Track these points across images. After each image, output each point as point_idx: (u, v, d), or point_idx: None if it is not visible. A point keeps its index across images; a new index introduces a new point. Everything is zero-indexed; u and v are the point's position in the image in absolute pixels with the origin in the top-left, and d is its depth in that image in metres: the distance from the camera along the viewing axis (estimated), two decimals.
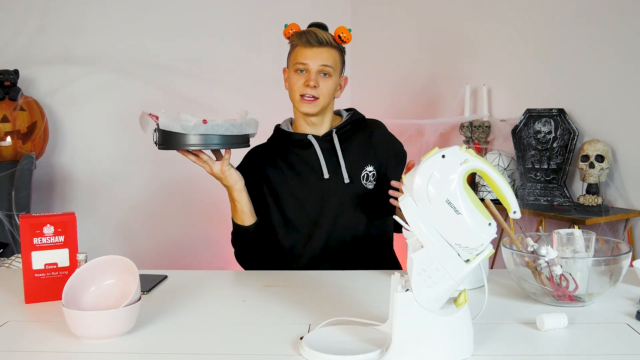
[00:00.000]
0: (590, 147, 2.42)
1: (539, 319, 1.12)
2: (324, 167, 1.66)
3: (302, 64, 1.63)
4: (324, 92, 1.63)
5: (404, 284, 1.01)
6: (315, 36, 1.62)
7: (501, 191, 0.98)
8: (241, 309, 1.30)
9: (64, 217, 1.34)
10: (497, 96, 2.93)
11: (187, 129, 1.45)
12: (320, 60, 1.62)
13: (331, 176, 1.66)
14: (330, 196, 1.66)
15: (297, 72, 1.64)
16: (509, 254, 1.29)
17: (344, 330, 1.10)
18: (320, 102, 1.64)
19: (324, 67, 1.62)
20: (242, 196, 1.62)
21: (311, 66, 1.62)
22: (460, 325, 1.00)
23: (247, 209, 1.63)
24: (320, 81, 1.63)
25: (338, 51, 1.66)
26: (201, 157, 1.54)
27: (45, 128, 3.15)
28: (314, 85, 1.61)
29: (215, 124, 1.46)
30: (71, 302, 1.13)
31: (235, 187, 1.59)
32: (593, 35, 2.50)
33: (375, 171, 1.69)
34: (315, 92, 1.62)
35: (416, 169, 0.97)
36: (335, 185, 1.66)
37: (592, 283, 1.25)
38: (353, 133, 1.72)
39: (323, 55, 1.62)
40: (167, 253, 3.43)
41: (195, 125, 1.45)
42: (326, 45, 1.63)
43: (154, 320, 1.21)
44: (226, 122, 1.47)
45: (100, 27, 3.33)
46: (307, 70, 1.63)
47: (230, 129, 1.47)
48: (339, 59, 1.67)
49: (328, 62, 1.63)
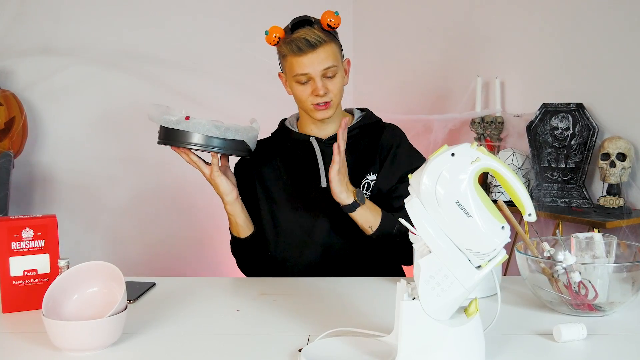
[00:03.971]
0: (611, 145, 2.42)
1: (556, 329, 1.12)
2: (322, 175, 1.66)
3: (303, 75, 1.57)
4: (335, 92, 1.61)
5: (411, 292, 1.01)
6: (306, 41, 1.55)
7: (515, 192, 0.98)
8: (235, 319, 1.30)
9: (44, 220, 1.34)
10: (510, 90, 2.93)
11: (169, 123, 1.49)
12: (320, 65, 1.57)
13: (329, 185, 1.65)
14: (327, 206, 1.64)
15: (300, 83, 1.59)
16: (523, 260, 1.29)
17: (345, 342, 1.10)
18: (334, 103, 1.62)
19: (327, 70, 1.58)
20: (235, 209, 1.62)
21: (313, 73, 1.57)
22: (471, 336, 1.00)
23: (241, 221, 1.64)
24: (328, 84, 1.59)
25: (333, 42, 1.60)
26: (190, 157, 1.55)
27: (24, 124, 3.15)
28: (323, 93, 1.58)
29: (197, 122, 1.48)
30: (52, 311, 1.13)
31: (226, 198, 1.60)
32: (615, 24, 2.50)
33: (377, 179, 1.67)
34: (327, 97, 1.60)
35: (424, 168, 0.97)
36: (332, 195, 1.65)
37: (613, 291, 1.25)
38: (361, 138, 1.70)
39: (321, 56, 1.57)
40: (155, 259, 3.43)
41: (177, 120, 1.48)
42: (320, 45, 1.56)
43: (141, 331, 1.21)
44: (209, 122, 1.49)
45: (83, 14, 3.33)
46: (310, 78, 1.58)
47: (212, 130, 1.49)
48: (337, 50, 1.62)
49: (328, 62, 1.57)
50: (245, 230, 1.65)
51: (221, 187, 1.58)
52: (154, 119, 1.51)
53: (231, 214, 1.63)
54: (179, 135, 1.49)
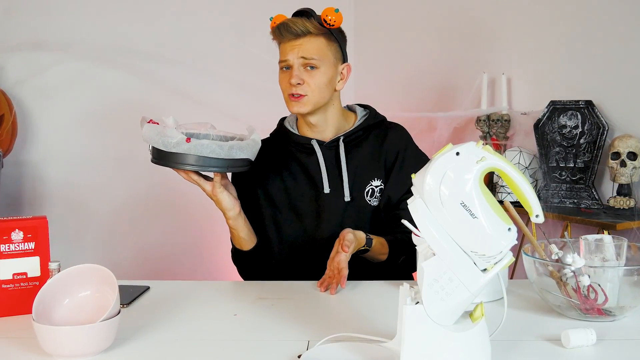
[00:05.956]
0: (622, 144, 2.42)
1: (564, 335, 1.12)
2: (325, 181, 1.66)
3: (283, 61, 1.63)
4: (312, 87, 1.61)
5: (414, 296, 1.01)
6: (288, 27, 1.59)
7: (522, 192, 0.98)
8: (232, 324, 1.30)
9: (34, 222, 1.34)
10: (517, 86, 2.93)
11: (169, 146, 1.43)
12: (300, 52, 1.60)
13: (332, 191, 1.66)
14: (329, 213, 1.65)
15: (282, 70, 1.64)
16: (530, 263, 1.29)
17: (346, 348, 1.10)
18: (309, 100, 1.62)
19: (306, 60, 1.60)
20: (238, 223, 1.61)
21: (292, 61, 1.61)
22: (476, 342, 1.00)
23: (244, 234, 1.63)
24: (305, 76, 1.61)
25: (326, 38, 1.62)
26: (190, 176, 1.53)
27: (13, 122, 3.15)
28: (296, 82, 1.60)
29: (199, 144, 1.43)
30: (42, 316, 1.13)
31: (229, 214, 1.59)
32: (624, 18, 2.50)
33: (382, 185, 1.68)
34: (302, 89, 1.60)
35: (427, 167, 0.97)
36: (336, 202, 1.66)
37: (623, 295, 1.25)
38: (365, 139, 1.70)
39: (303, 46, 1.60)
40: (149, 262, 3.43)
41: (177, 142, 1.43)
42: (305, 35, 1.59)
43: (134, 336, 1.21)
44: (212, 143, 1.45)
45: (75, 9, 3.33)
46: (290, 66, 1.62)
47: (216, 151, 1.45)
48: (328, 47, 1.63)
49: (309, 53, 1.60)
50: (248, 243, 1.65)
51: (223, 203, 1.57)
52: (151, 141, 1.45)
53: (234, 229, 1.62)
54: (179, 158, 1.44)
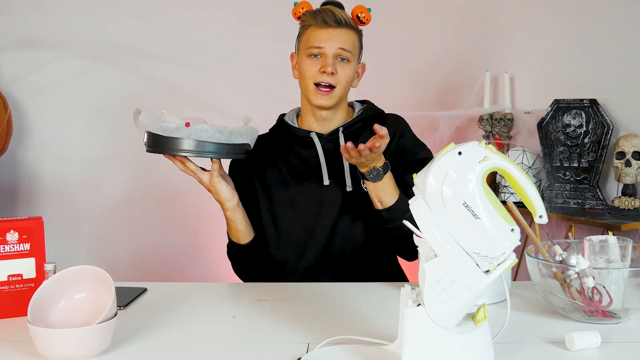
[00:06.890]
0: (627, 143, 2.42)
1: (569, 337, 1.12)
2: (324, 173, 1.66)
3: (317, 48, 1.61)
4: (342, 80, 1.62)
5: (416, 297, 1.01)
6: (333, 15, 1.60)
7: (525, 193, 0.98)
8: (230, 326, 1.31)
9: (29, 222, 1.34)
10: (520, 85, 2.93)
11: (168, 131, 1.44)
12: (338, 43, 1.60)
13: (332, 183, 1.65)
14: (329, 204, 1.65)
15: (311, 57, 1.62)
16: (534, 264, 1.29)
17: (347, 351, 1.10)
18: (337, 93, 1.62)
19: (342, 51, 1.60)
20: (236, 215, 1.61)
21: (327, 50, 1.60)
22: (479, 344, 1.00)
23: (242, 227, 1.63)
24: (338, 67, 1.61)
25: (356, 33, 1.65)
26: (187, 166, 1.53)
27: (8, 121, 3.15)
28: (331, 71, 1.59)
29: (198, 128, 1.44)
30: (38, 318, 1.13)
31: (227, 205, 1.58)
32: (630, 16, 2.50)
33: None
34: (333, 79, 1.60)
35: (429, 167, 0.97)
36: (336, 193, 1.66)
37: (628, 297, 1.25)
38: (364, 131, 1.71)
39: (341, 37, 1.60)
40: (146, 263, 3.43)
41: (176, 127, 1.43)
42: (345, 26, 1.61)
43: (131, 339, 1.21)
44: (212, 128, 1.45)
45: (69, 6, 3.32)
46: (322, 54, 1.61)
47: (216, 136, 1.45)
48: (358, 43, 1.66)
49: (347, 45, 1.61)
50: (246, 236, 1.64)
51: (222, 194, 1.57)
52: (149, 127, 1.45)
53: (232, 220, 1.62)
54: (179, 143, 1.44)
